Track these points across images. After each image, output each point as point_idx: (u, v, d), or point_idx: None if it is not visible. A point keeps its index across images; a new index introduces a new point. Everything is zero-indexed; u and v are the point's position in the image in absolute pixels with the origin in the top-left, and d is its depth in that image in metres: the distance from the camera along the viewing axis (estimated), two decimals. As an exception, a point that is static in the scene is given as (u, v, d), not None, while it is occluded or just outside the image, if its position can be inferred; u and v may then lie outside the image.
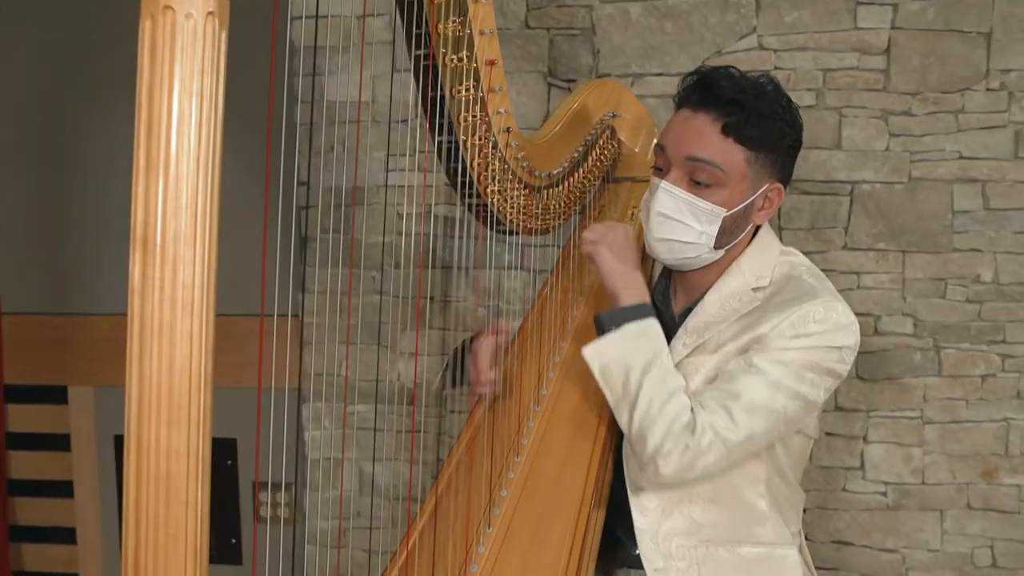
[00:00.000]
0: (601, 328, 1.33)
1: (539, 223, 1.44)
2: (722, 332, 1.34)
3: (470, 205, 1.34)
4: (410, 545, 1.26)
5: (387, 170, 2.51)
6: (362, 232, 2.55)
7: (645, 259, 1.55)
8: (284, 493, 2.66)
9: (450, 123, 1.23)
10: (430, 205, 2.50)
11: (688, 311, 1.40)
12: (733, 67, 1.39)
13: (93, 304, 2.70)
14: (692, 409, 1.26)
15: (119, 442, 2.77)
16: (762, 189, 1.36)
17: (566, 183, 1.47)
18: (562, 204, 1.48)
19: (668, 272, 1.49)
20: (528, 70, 2.46)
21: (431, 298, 2.52)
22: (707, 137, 1.32)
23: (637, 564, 1.38)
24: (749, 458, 1.31)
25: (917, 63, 2.32)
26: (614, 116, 1.58)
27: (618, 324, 1.31)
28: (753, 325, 1.32)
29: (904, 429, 2.40)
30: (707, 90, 1.34)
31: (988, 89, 2.32)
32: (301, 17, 2.47)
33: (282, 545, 2.61)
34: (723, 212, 1.33)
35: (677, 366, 1.33)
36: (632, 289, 1.35)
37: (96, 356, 2.69)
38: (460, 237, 2.52)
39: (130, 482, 0.82)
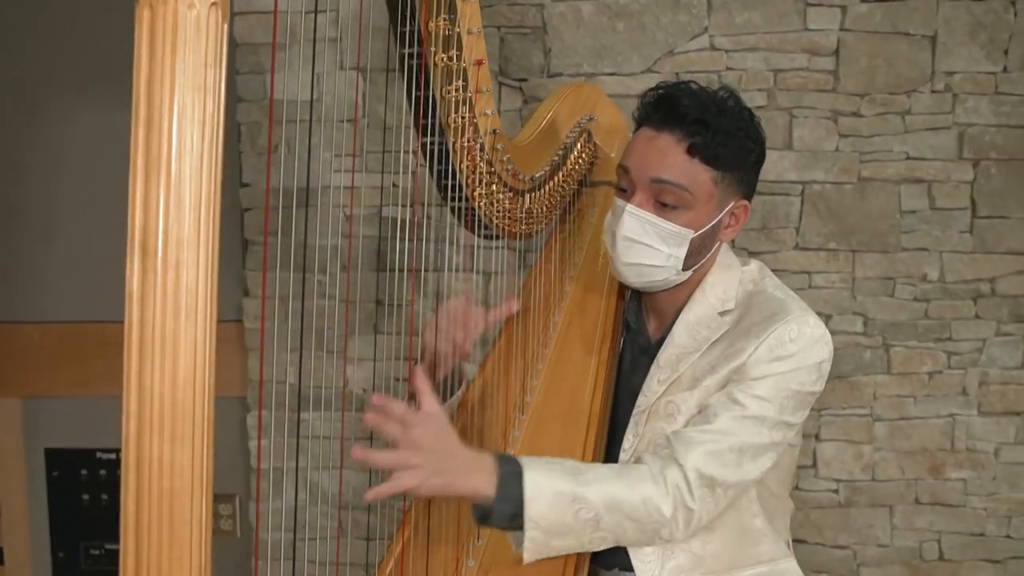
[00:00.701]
0: (502, 525, 1.16)
1: (523, 227, 1.40)
2: (696, 364, 1.31)
3: (455, 208, 1.29)
4: (405, 536, 1.21)
5: (332, 171, 2.44)
6: (307, 234, 2.48)
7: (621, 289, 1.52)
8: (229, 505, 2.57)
9: (438, 124, 1.19)
10: (378, 206, 2.44)
11: (663, 340, 1.37)
12: (693, 81, 1.36)
13: (21, 311, 2.57)
14: (678, 461, 1.21)
15: (49, 456, 2.64)
16: (728, 207, 1.34)
17: (547, 187, 1.43)
18: (544, 208, 1.44)
19: (638, 292, 1.46)
20: (478, 69, 2.42)
21: (379, 302, 2.46)
22: (672, 158, 1.29)
23: (627, 566, 1.35)
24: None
25: (865, 65, 2.34)
26: (591, 119, 1.56)
27: (512, 513, 1.13)
28: (728, 355, 1.29)
29: (855, 427, 2.43)
30: (670, 109, 1.30)
31: (933, 91, 2.36)
32: (244, 13, 2.40)
33: (228, 559, 2.53)
34: (691, 234, 1.31)
35: (655, 405, 1.31)
36: (478, 473, 1.13)
37: (25, 366, 2.56)
38: (409, 239, 2.47)
39: (128, 503, 0.77)
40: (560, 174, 1.47)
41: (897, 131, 2.37)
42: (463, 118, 1.19)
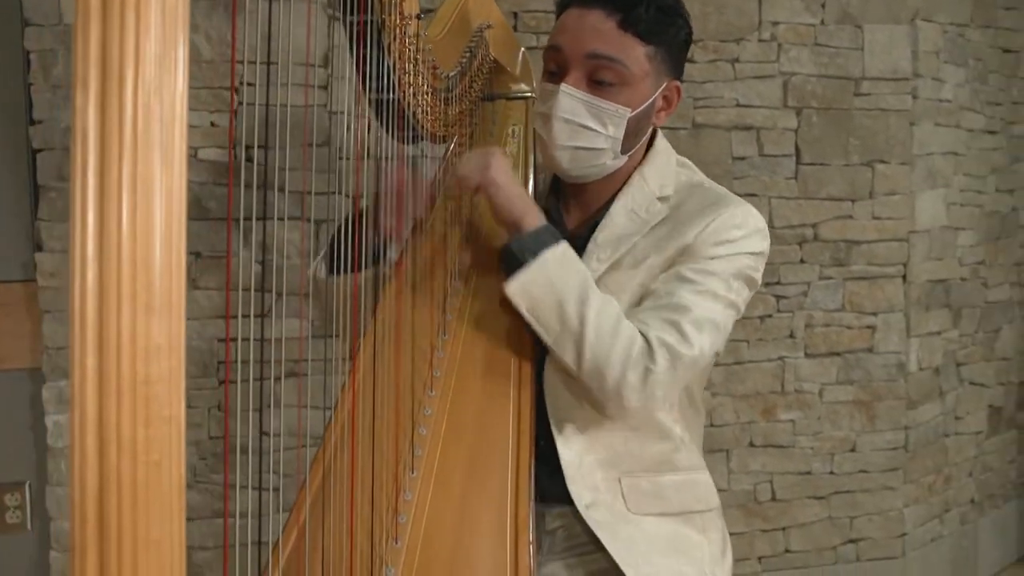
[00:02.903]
0: (513, 259, 1.21)
1: (441, 128, 1.28)
2: (637, 245, 1.28)
3: (375, 101, 1.14)
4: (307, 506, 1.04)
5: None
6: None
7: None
8: (19, 493, 2.24)
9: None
10: (195, 148, 2.20)
11: (592, 227, 1.31)
12: None
13: None
14: (640, 331, 1.18)
15: None
16: (661, 88, 1.30)
17: (457, 90, 1.31)
18: (456, 113, 1.32)
19: (556, 188, 1.39)
20: None
21: (197, 253, 2.22)
22: (606, 34, 1.25)
23: (559, 498, 1.25)
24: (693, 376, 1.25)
25: (698, 11, 2.36)
26: (489, 27, 1.45)
27: (533, 252, 1.20)
28: (672, 235, 1.26)
29: (693, 372, 2.44)
30: None
31: (760, 40, 2.41)
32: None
33: (19, 558, 2.20)
34: (628, 113, 1.26)
35: (596, 284, 1.23)
36: (533, 213, 1.24)
37: None
38: (232, 185, 2.25)
39: (86, 400, 0.57)
40: (467, 79, 1.36)
41: (728, 78, 2.40)
42: None
